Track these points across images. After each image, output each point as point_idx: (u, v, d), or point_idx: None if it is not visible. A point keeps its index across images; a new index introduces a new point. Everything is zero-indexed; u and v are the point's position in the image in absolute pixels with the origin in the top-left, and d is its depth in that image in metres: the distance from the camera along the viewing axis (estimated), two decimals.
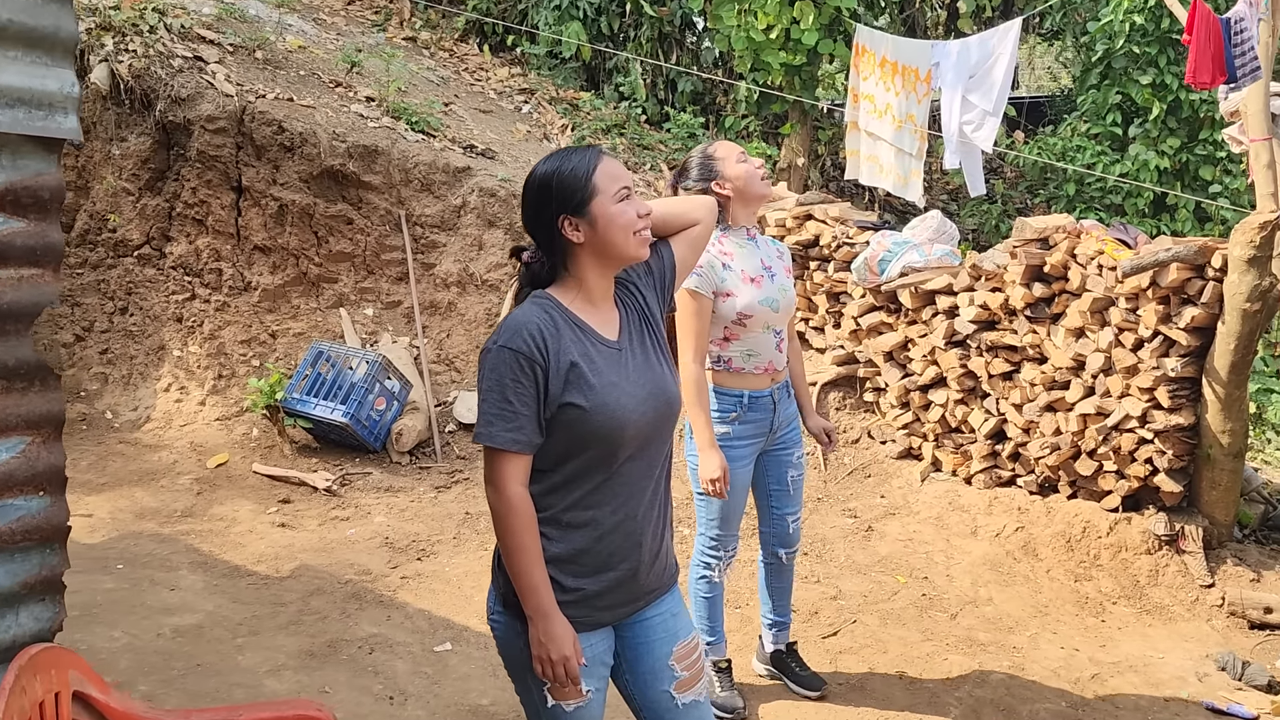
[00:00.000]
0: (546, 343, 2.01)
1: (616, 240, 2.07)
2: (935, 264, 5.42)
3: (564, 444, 2.04)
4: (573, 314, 2.09)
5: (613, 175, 2.07)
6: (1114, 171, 7.69)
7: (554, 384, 2.01)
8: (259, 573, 4.48)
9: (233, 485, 5.41)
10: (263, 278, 6.69)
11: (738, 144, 3.41)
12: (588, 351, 2.06)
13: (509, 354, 1.99)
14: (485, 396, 2.01)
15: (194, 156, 6.60)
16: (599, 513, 2.07)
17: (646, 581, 2.18)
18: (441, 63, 9.57)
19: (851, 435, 5.83)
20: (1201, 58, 3.82)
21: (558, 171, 2.07)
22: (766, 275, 3.38)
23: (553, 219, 2.06)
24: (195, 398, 6.22)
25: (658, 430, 2.14)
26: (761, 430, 3.42)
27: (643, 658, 2.18)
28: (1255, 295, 4.22)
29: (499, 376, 1.99)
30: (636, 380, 2.10)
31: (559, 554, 2.06)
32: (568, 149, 2.13)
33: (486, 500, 2.06)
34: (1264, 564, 4.63)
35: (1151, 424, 4.56)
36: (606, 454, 2.05)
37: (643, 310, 2.22)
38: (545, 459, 2.06)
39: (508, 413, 1.99)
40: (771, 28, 8.40)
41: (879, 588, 4.56)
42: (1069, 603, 4.45)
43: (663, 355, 2.21)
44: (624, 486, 2.09)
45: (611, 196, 2.06)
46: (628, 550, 2.11)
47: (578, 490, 2.06)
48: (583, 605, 2.09)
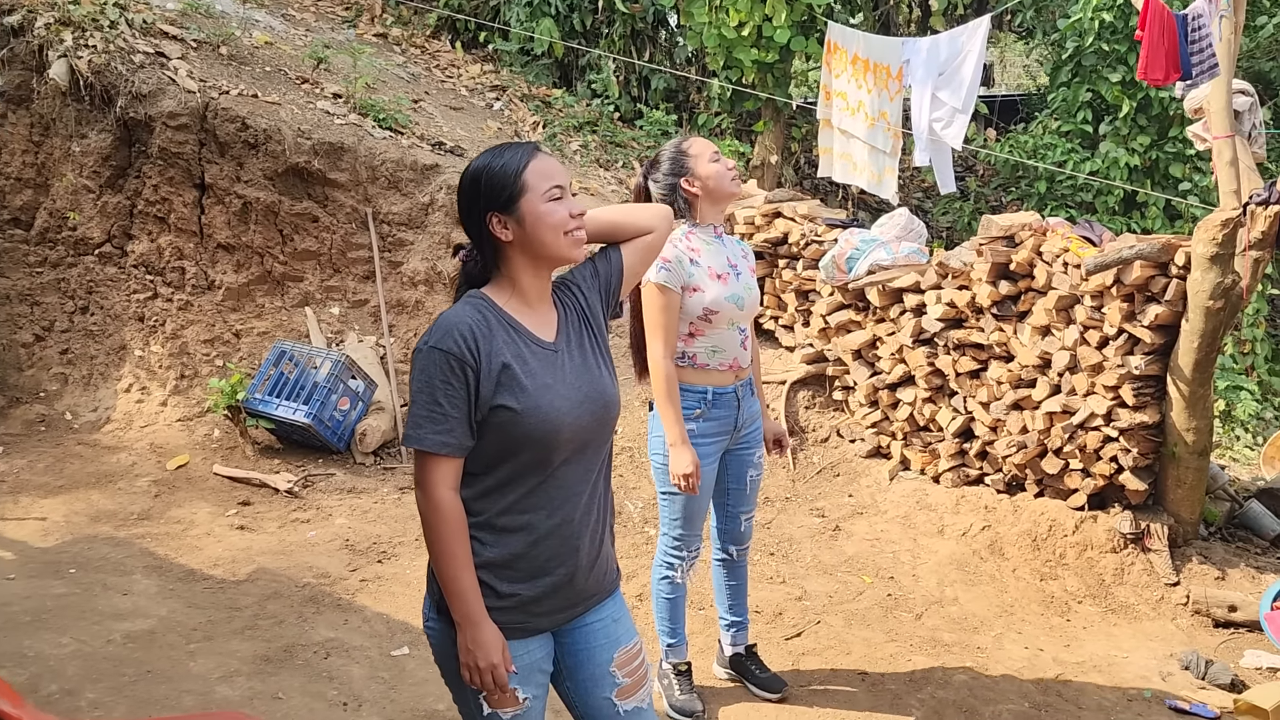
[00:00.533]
0: (478, 343, 1.96)
1: (546, 239, 2.02)
2: (903, 262, 5.40)
3: (496, 447, 1.99)
4: (506, 314, 2.04)
5: (544, 173, 2.01)
6: (1085, 169, 7.69)
7: (485, 386, 1.96)
8: (215, 576, 4.40)
9: (192, 487, 5.33)
10: (226, 276, 6.60)
11: (712, 141, 3.36)
12: (521, 353, 2.01)
13: (439, 355, 1.94)
14: (415, 398, 1.97)
15: (156, 153, 6.50)
16: (534, 517, 2.02)
17: (585, 586, 2.13)
18: (412, 59, 9.48)
19: (820, 434, 5.80)
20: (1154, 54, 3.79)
21: (488, 167, 2.01)
22: (733, 273, 3.35)
23: (481, 216, 2.01)
24: (156, 398, 6.13)
25: (594, 434, 2.09)
26: (725, 427, 3.38)
27: (583, 664, 2.14)
28: (1218, 293, 4.21)
29: (429, 377, 1.95)
30: (572, 383, 2.05)
31: (493, 559, 2.01)
32: (504, 144, 2.08)
33: (417, 503, 2.01)
34: (1229, 562, 4.62)
35: (1116, 422, 4.55)
36: (540, 457, 2.00)
37: (583, 312, 2.17)
38: (477, 462, 2.01)
39: (437, 415, 1.94)
40: (744, 25, 8.36)
41: (845, 588, 4.53)
42: (1034, 602, 4.43)
43: (603, 358, 2.16)
44: (559, 490, 2.04)
45: (542, 195, 2.00)
46: (564, 555, 2.07)
47: (511, 494, 2.01)
48: (518, 611, 2.04)
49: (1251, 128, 4.57)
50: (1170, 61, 3.84)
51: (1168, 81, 4.00)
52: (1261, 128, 4.57)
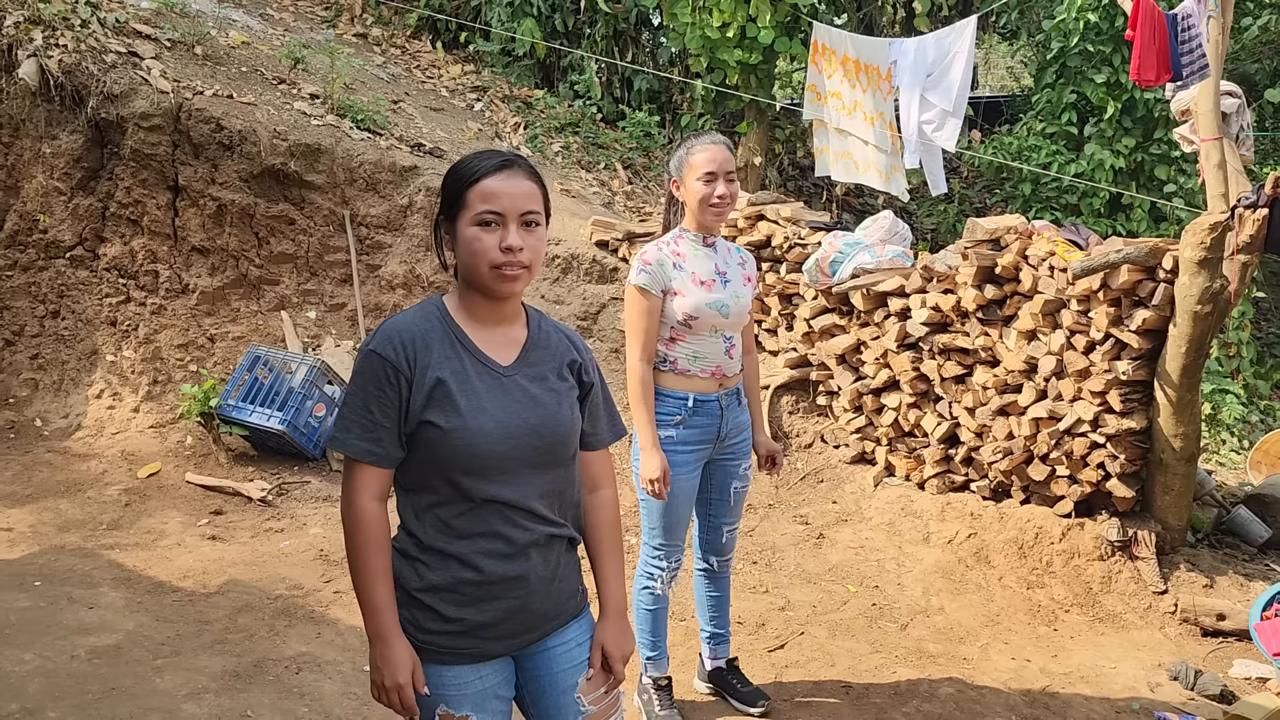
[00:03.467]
0: (415, 354, 1.87)
1: (468, 264, 1.89)
2: (887, 265, 5.33)
3: (426, 464, 1.89)
4: (457, 326, 1.94)
5: (487, 194, 1.86)
6: (1069, 171, 7.64)
7: (416, 398, 1.87)
8: (185, 589, 4.29)
9: (164, 496, 5.21)
10: (201, 280, 6.48)
11: (723, 153, 3.17)
12: (462, 370, 1.90)
13: (376, 359, 1.86)
14: (348, 400, 1.89)
15: (128, 155, 6.38)
16: (474, 542, 1.91)
17: (542, 610, 2.01)
18: (392, 60, 9.38)
19: (804, 440, 5.73)
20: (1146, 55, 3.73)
21: (453, 170, 1.92)
22: (719, 280, 3.26)
23: (438, 222, 1.94)
24: (128, 404, 6.00)
25: (533, 462, 1.94)
26: (708, 436, 3.30)
27: (545, 691, 2.05)
28: (1206, 297, 4.15)
29: (364, 381, 1.87)
30: (514, 410, 1.92)
31: (437, 583, 1.91)
32: (489, 150, 1.97)
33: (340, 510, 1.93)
34: (1217, 569, 4.57)
35: (1103, 428, 4.49)
36: (468, 479, 1.88)
37: (567, 358, 2.04)
38: (410, 476, 1.92)
39: (367, 421, 1.87)
40: (727, 25, 8.28)
41: (829, 597, 4.45)
42: (1021, 611, 4.36)
43: (571, 398, 2.02)
44: (495, 513, 1.92)
45: (472, 217, 1.86)
46: (511, 579, 1.94)
47: (447, 514, 1.91)
48: (468, 636, 1.94)
49: (1239, 130, 4.53)
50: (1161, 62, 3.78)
51: (1159, 82, 3.94)
52: (1249, 130, 4.52)
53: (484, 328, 1.96)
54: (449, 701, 1.93)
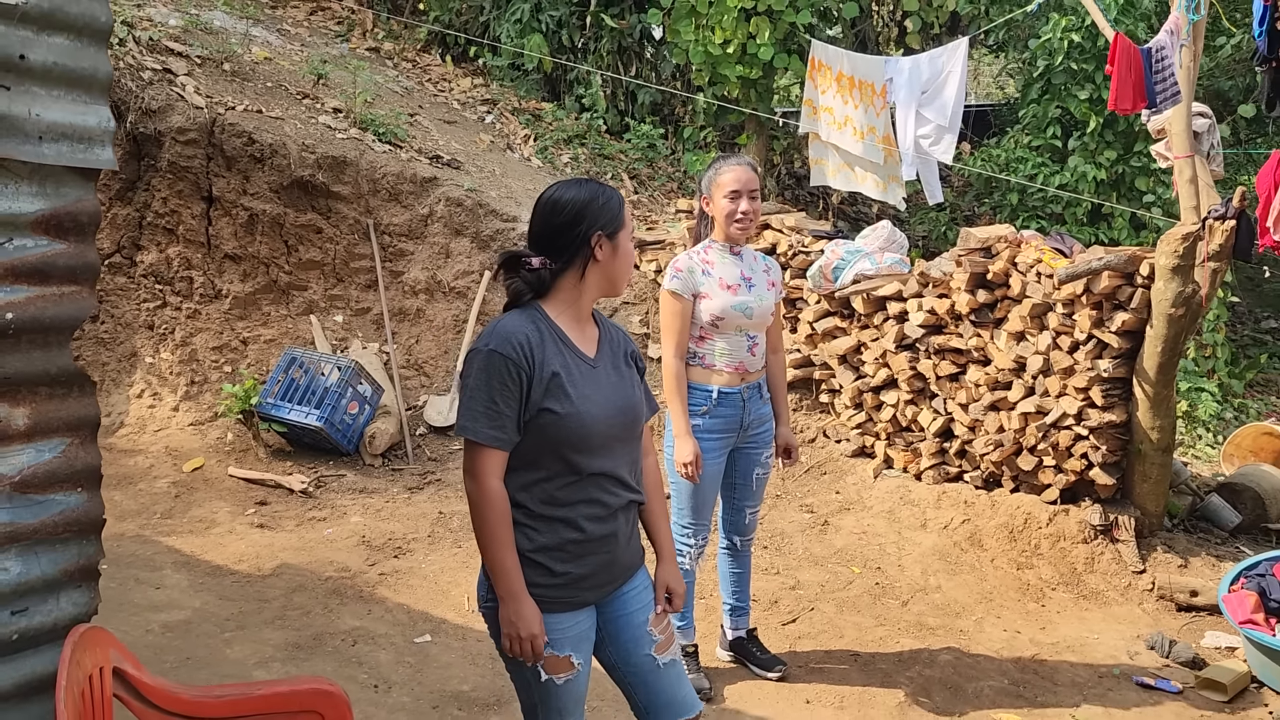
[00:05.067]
0: (533, 352, 2.24)
1: (624, 271, 2.38)
2: (886, 271, 5.71)
3: (538, 444, 2.27)
4: (558, 327, 2.33)
5: (631, 217, 2.40)
6: (1054, 182, 8.06)
7: (536, 390, 2.24)
8: (241, 571, 4.64)
9: (209, 488, 5.55)
10: (233, 286, 6.82)
11: (748, 173, 3.58)
12: (568, 364, 2.30)
13: (499, 358, 2.21)
14: (472, 394, 2.24)
15: (165, 167, 6.72)
16: (577, 507, 2.31)
17: (625, 561, 2.43)
18: (405, 73, 9.72)
19: (808, 435, 6.10)
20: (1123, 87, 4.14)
21: (601, 193, 2.34)
22: (744, 285, 3.64)
23: (587, 233, 2.31)
24: (168, 403, 6.34)
25: (622, 437, 2.38)
26: (731, 426, 3.67)
27: (623, 629, 2.43)
28: (1179, 301, 4.55)
29: (487, 377, 2.22)
30: (608, 395, 2.34)
31: (546, 544, 2.29)
32: (593, 180, 2.41)
33: (465, 490, 2.29)
34: (1191, 551, 4.96)
35: (1087, 421, 4.88)
36: (576, 454, 2.28)
37: (627, 348, 2.49)
38: (521, 458, 2.28)
39: (493, 411, 2.21)
40: (728, 42, 8.67)
41: (835, 578, 4.83)
42: (1012, 589, 4.75)
43: (636, 379, 2.47)
44: (595, 483, 2.32)
45: (630, 234, 2.39)
46: (605, 537, 2.35)
47: (553, 487, 2.29)
48: (570, 587, 2.32)
49: (1210, 147, 4.93)
50: (1137, 92, 4.19)
51: (1135, 110, 4.35)
52: (1219, 147, 4.93)
53: (578, 327, 2.36)
54: (555, 645, 2.30)
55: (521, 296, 2.35)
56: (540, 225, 2.35)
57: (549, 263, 2.33)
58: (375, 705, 3.66)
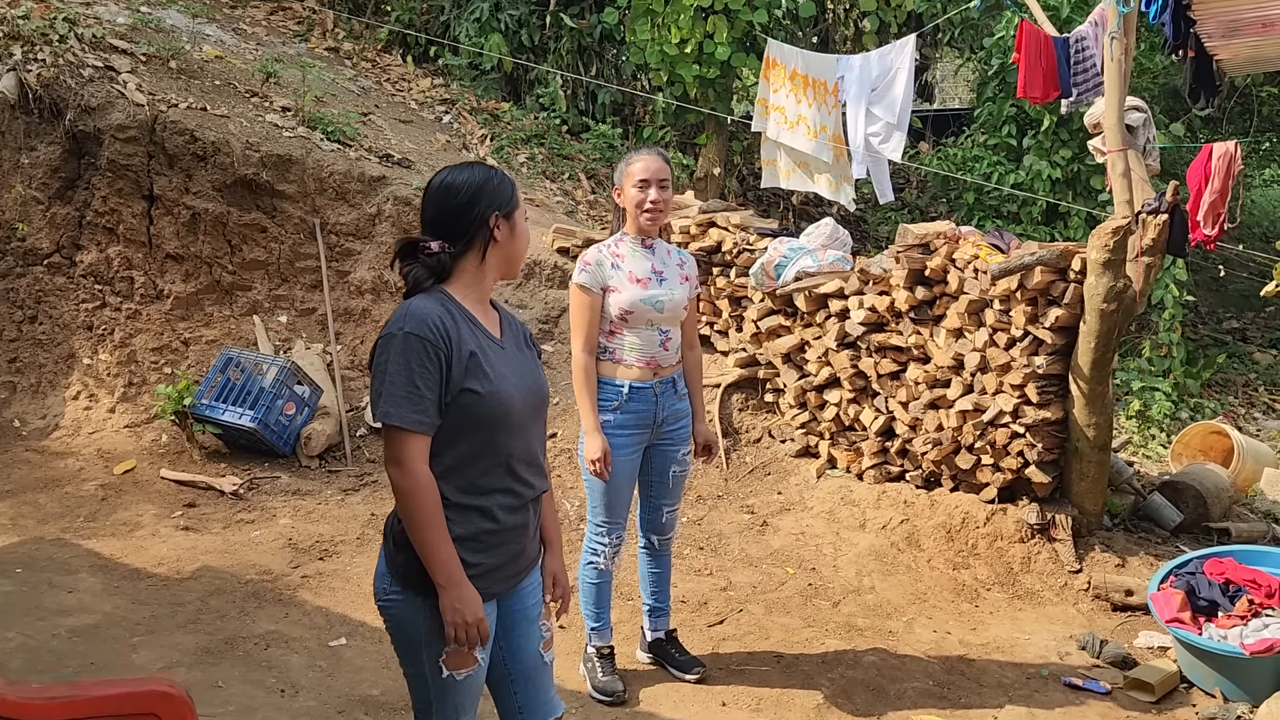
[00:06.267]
0: (448, 332, 2.21)
1: (520, 251, 2.38)
2: (828, 269, 5.65)
3: (458, 427, 2.23)
4: (465, 308, 2.30)
5: (522, 199, 2.39)
6: (1009, 181, 8.02)
7: (455, 370, 2.21)
8: (160, 574, 4.54)
9: (139, 491, 5.45)
10: (175, 286, 6.72)
11: (658, 161, 3.53)
12: (481, 344, 2.28)
13: (416, 340, 2.17)
14: (392, 379, 2.18)
15: (105, 165, 6.62)
16: (493, 495, 2.28)
17: (530, 553, 2.42)
18: (363, 73, 9.64)
19: (753, 435, 6.03)
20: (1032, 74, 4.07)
21: (494, 174, 2.32)
22: (655, 279, 3.57)
23: (484, 214, 2.28)
24: (105, 405, 6.23)
25: (533, 417, 2.37)
26: (644, 422, 3.59)
27: (519, 622, 2.41)
28: (1111, 296, 4.49)
29: (405, 360, 2.17)
30: (518, 373, 2.34)
31: (461, 534, 2.24)
32: (481, 163, 2.41)
33: (390, 481, 2.22)
34: (1129, 550, 4.90)
35: (1023, 418, 4.81)
36: (492, 436, 2.25)
37: (524, 331, 2.49)
38: (440, 443, 2.23)
39: (414, 395, 2.17)
40: (685, 42, 8.61)
41: (768, 579, 4.75)
42: (946, 590, 4.68)
43: (536, 359, 2.47)
44: (510, 472, 2.30)
45: (524, 212, 2.37)
46: (517, 528, 2.34)
47: (471, 473, 2.26)
48: (482, 579, 2.27)
49: (1146, 142, 4.88)
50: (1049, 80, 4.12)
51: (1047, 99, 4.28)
52: (1154, 142, 4.88)
53: (480, 310, 2.34)
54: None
55: (422, 282, 2.30)
56: (436, 209, 2.31)
57: (448, 246, 2.29)
58: (279, 710, 3.57)
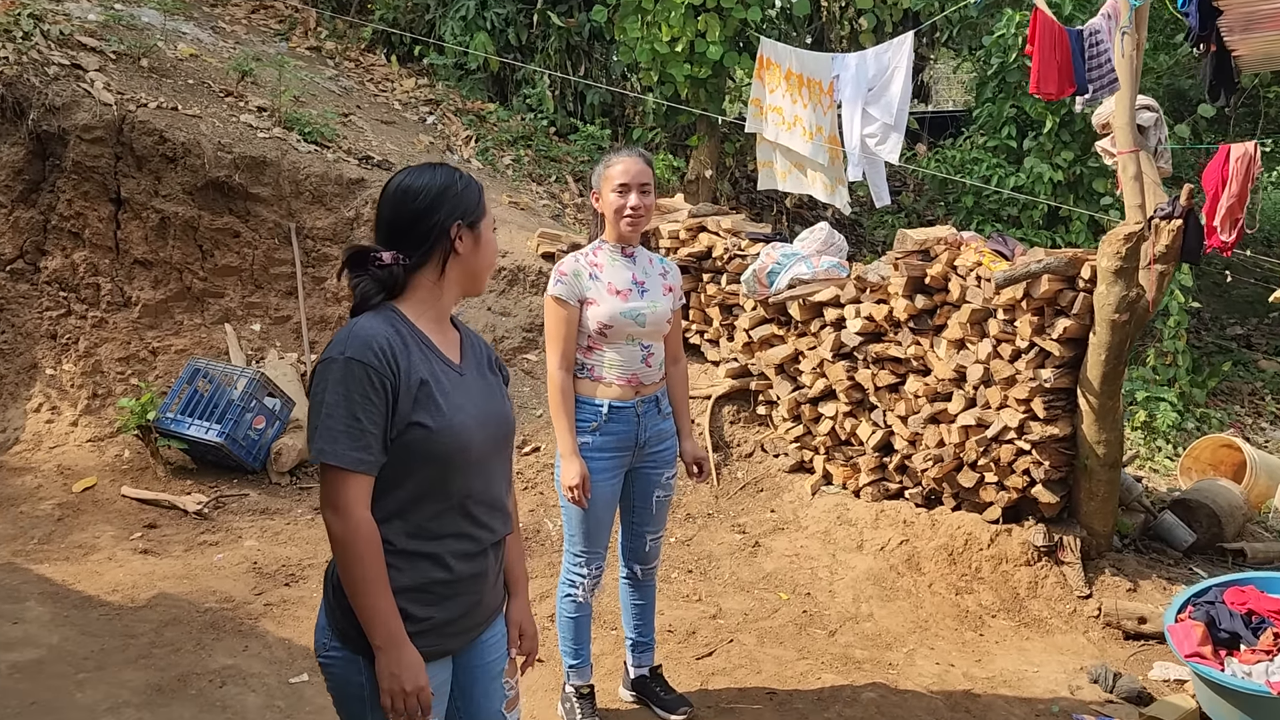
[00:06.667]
0: (396, 358, 1.94)
1: (485, 264, 2.10)
2: (823, 276, 5.40)
3: (406, 466, 1.96)
4: (419, 329, 2.03)
5: (489, 205, 2.10)
6: (1009, 184, 7.76)
7: (403, 401, 1.94)
8: (113, 603, 4.26)
9: (98, 510, 5.17)
10: (143, 293, 6.45)
11: (640, 165, 3.27)
12: (435, 371, 2.01)
13: (358, 366, 1.90)
14: (329, 411, 1.90)
15: (70, 167, 6.35)
16: (446, 541, 2.01)
17: (491, 603, 2.15)
18: (346, 73, 9.38)
19: (745, 449, 5.78)
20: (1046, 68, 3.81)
21: (458, 179, 2.06)
22: (636, 290, 3.31)
23: (445, 223, 2.02)
24: (67, 418, 5.95)
25: (495, 453, 2.10)
26: (625, 444, 3.33)
27: (478, 680, 2.15)
28: (1123, 306, 4.24)
29: (346, 390, 1.90)
30: (479, 404, 2.06)
31: (408, 585, 1.97)
32: (445, 164, 2.10)
33: (326, 526, 1.95)
34: (1141, 573, 4.65)
35: (1029, 435, 4.56)
36: (446, 476, 1.99)
37: (489, 354, 2.22)
38: (384, 483, 1.97)
39: (355, 430, 1.90)
40: (676, 40, 8.36)
41: (760, 605, 4.49)
42: (949, 617, 4.42)
43: (503, 389, 2.20)
44: (468, 511, 2.04)
45: (491, 222, 2.10)
46: (474, 577, 2.07)
47: (421, 516, 1.99)
48: (432, 635, 2.01)
49: (1157, 143, 4.63)
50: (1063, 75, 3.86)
51: (1061, 95, 4.02)
52: (1166, 143, 4.63)
53: (439, 328, 2.07)
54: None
55: (371, 298, 2.03)
56: (391, 215, 2.04)
57: (402, 258, 2.02)
58: None
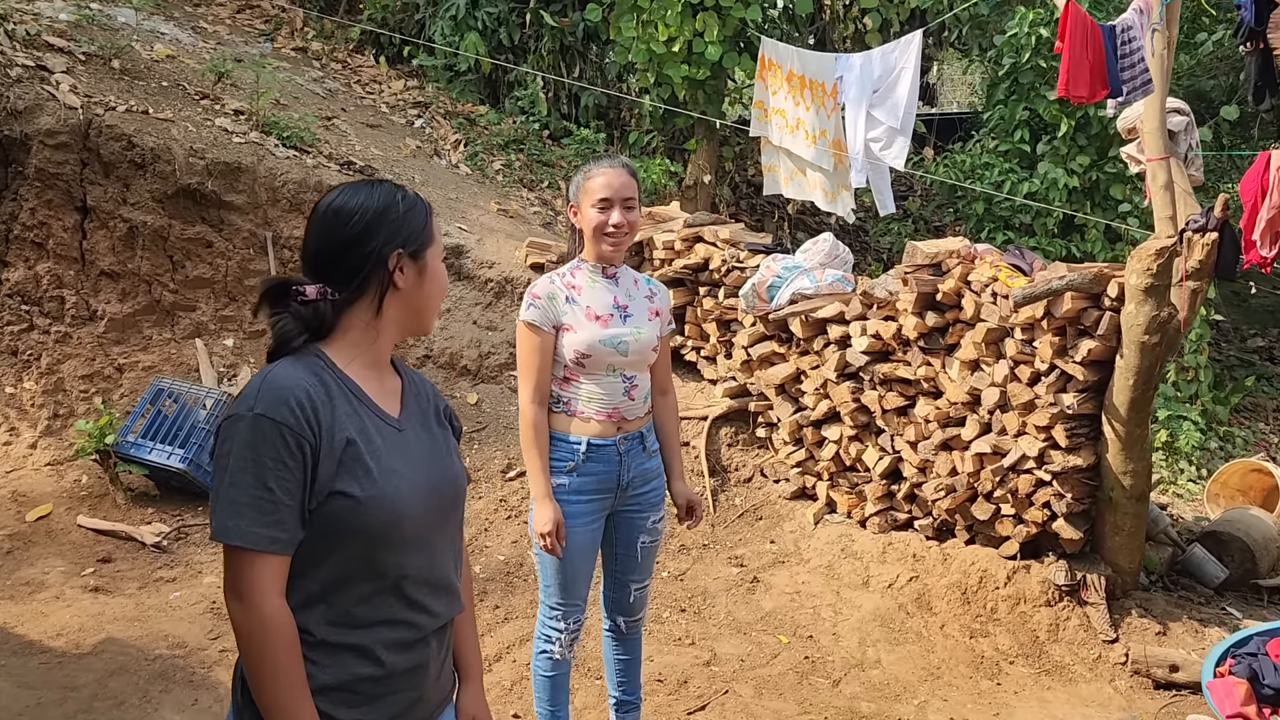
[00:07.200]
0: (318, 414, 1.61)
1: (433, 301, 1.79)
2: (826, 290, 5.06)
3: (327, 542, 1.63)
4: (348, 378, 1.69)
5: (439, 230, 1.80)
6: (1022, 190, 7.40)
7: (324, 466, 1.60)
8: (56, 649, 3.93)
9: (51, 542, 4.83)
10: (110, 306, 6.11)
11: (623, 176, 2.91)
12: (365, 428, 1.67)
13: (270, 426, 1.57)
14: (233, 479, 1.57)
15: (33, 174, 6.02)
16: (375, 630, 1.67)
17: (434, 698, 1.80)
18: (332, 75, 9.05)
19: (743, 474, 5.44)
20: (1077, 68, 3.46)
21: (400, 200, 1.73)
22: (618, 315, 2.97)
23: (382, 251, 1.68)
24: (26, 440, 5.62)
25: (439, 523, 1.76)
26: (606, 485, 3.00)
27: None
28: (1154, 327, 3.90)
29: (255, 454, 1.56)
30: (421, 467, 1.73)
31: (329, 682, 1.63)
32: (385, 181, 1.77)
33: (230, 616, 1.61)
34: (1170, 614, 4.30)
35: (1049, 465, 4.22)
36: (382, 553, 1.66)
37: (437, 404, 1.88)
38: (303, 562, 1.63)
39: (265, 502, 1.56)
40: (673, 40, 8.03)
41: (759, 650, 4.15)
42: (963, 663, 4.07)
43: (453, 444, 1.87)
44: (399, 594, 1.69)
45: (440, 251, 1.80)
46: (411, 671, 1.72)
47: (345, 600, 1.65)
48: None
49: (1187, 149, 4.29)
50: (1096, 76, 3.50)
51: (1095, 98, 3.67)
52: (1198, 149, 4.29)
53: (372, 378, 1.74)
54: None
55: (292, 339, 1.68)
56: (319, 241, 1.70)
57: (330, 292, 1.68)
58: None
